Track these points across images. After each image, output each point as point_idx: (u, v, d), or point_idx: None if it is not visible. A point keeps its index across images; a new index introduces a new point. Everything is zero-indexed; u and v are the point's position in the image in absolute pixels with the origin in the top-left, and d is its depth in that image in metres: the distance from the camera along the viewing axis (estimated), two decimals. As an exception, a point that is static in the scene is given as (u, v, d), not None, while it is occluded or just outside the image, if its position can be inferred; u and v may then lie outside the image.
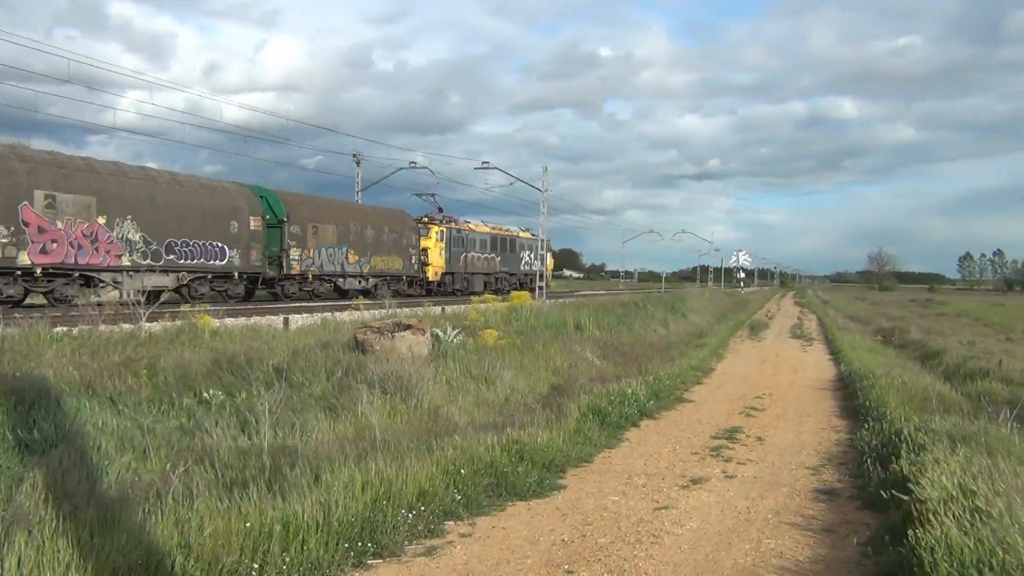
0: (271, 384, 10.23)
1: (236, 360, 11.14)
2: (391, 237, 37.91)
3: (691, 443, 10.13)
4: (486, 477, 7.50)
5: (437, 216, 44.47)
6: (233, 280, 28.68)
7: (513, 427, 9.39)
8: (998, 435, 8.58)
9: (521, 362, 14.78)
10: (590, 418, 10.70)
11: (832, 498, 7.68)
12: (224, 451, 6.98)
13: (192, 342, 13.25)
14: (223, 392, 9.55)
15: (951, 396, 13.46)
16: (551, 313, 24.51)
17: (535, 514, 6.94)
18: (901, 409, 11.09)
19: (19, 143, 22.79)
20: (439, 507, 6.65)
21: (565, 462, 8.68)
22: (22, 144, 22.88)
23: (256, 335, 15.78)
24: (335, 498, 6.05)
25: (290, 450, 7.27)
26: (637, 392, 12.50)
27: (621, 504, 7.25)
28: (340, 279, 34.12)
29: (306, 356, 11.94)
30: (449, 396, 11.39)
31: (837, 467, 9.03)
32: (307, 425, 8.63)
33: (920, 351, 24.37)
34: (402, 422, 9.80)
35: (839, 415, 12.76)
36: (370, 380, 10.65)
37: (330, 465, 6.91)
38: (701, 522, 6.75)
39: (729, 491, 7.81)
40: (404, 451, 7.83)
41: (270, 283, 31.25)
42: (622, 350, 19.36)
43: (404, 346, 13.16)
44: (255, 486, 6.20)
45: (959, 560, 4.71)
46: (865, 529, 6.58)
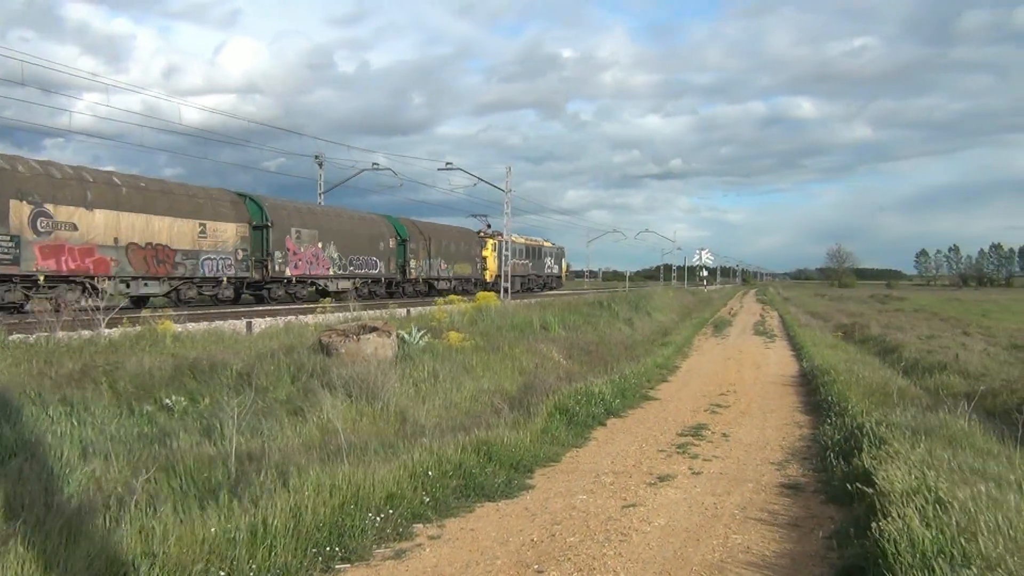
0: (235, 389, 10.11)
1: (199, 365, 10.99)
2: (464, 249, 48.82)
3: (658, 441, 10.20)
4: (454, 479, 7.49)
5: (488, 231, 54.77)
6: (380, 284, 38.78)
7: (481, 428, 9.39)
8: (958, 427, 8.76)
9: (488, 363, 14.76)
10: (557, 418, 10.73)
11: (797, 492, 7.78)
12: (189, 458, 6.87)
13: (153, 347, 13.04)
14: (186, 398, 9.41)
15: (911, 390, 13.71)
16: (517, 313, 24.50)
17: (504, 515, 6.94)
18: (862, 404, 11.27)
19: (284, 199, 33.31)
20: (407, 510, 6.63)
21: (533, 462, 8.70)
22: (284, 199, 33.48)
23: (219, 339, 15.58)
24: (302, 503, 6.00)
25: (256, 455, 7.19)
26: (603, 391, 12.56)
27: (589, 503, 7.28)
28: (435, 281, 44.52)
29: (270, 360, 11.81)
30: (416, 398, 11.34)
31: (801, 462, 9.15)
32: (272, 430, 8.54)
33: (880, 346, 24.79)
34: (368, 425, 9.74)
35: (802, 410, 12.93)
36: (335, 383, 10.57)
37: (297, 470, 6.84)
38: (669, 519, 6.80)
39: (696, 488, 7.88)
40: (371, 454, 7.79)
41: (398, 285, 40.56)
42: (588, 349, 19.43)
43: (369, 349, 13.08)
44: (221, 492, 6.13)
45: (921, 551, 4.79)
46: (830, 523, 6.68)
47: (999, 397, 12.77)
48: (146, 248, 24.66)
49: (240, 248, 28.78)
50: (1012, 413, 10.25)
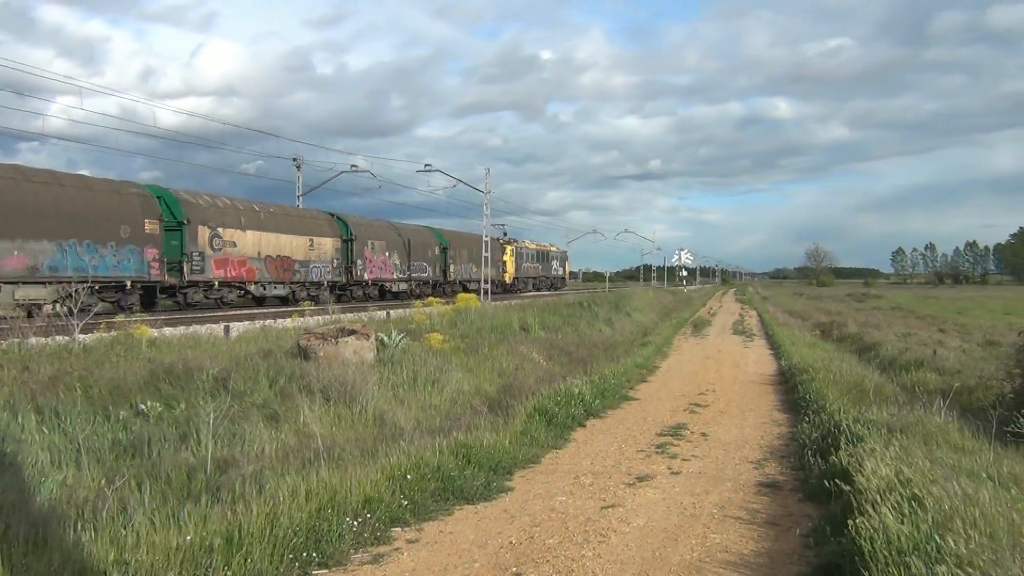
0: (211, 394, 10.02)
1: (174, 370, 10.87)
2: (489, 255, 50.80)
3: (637, 441, 10.21)
4: (433, 482, 7.46)
5: (505, 239, 60.05)
6: (428, 284, 44.87)
7: (460, 430, 9.36)
8: (933, 424, 8.83)
9: (467, 365, 14.75)
10: (537, 419, 10.72)
11: (775, 491, 7.81)
12: (164, 464, 6.79)
13: (128, 353, 12.88)
14: (161, 403, 9.30)
15: (888, 388, 13.82)
16: (497, 315, 24.46)
17: (483, 517, 6.91)
18: (840, 401, 11.35)
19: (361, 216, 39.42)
20: (385, 513, 6.59)
21: (512, 464, 8.68)
22: (361, 216, 39.86)
23: (196, 344, 15.44)
24: (279, 508, 5.95)
25: (232, 461, 7.13)
26: (583, 392, 12.56)
27: (568, 504, 7.27)
28: (468, 282, 49.85)
29: (247, 364, 11.70)
30: (395, 401, 11.30)
31: (779, 460, 9.19)
32: (249, 435, 8.47)
33: (857, 344, 24.98)
34: (347, 429, 9.70)
35: (780, 409, 12.99)
36: (313, 387, 10.51)
37: (273, 475, 6.80)
38: (648, 519, 6.80)
39: (675, 487, 7.89)
40: (349, 458, 7.76)
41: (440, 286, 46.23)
42: (568, 350, 19.45)
43: (348, 351, 13.00)
44: (197, 499, 6.06)
45: (896, 548, 4.82)
46: (807, 521, 6.71)
47: (974, 393, 12.90)
48: (276, 259, 31.21)
49: (335, 258, 35.54)
50: (987, 409, 10.36)
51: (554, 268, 72.27)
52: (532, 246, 66.63)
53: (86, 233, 22.64)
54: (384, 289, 40.40)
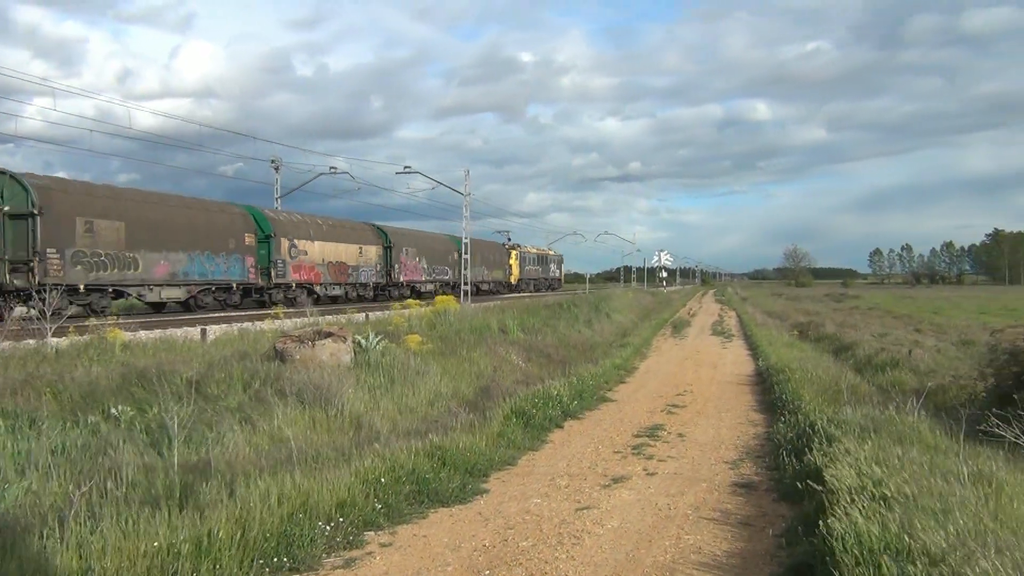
0: (185, 398, 9.92)
1: (147, 374, 10.75)
2: (497, 259, 60.95)
3: (614, 442, 10.21)
4: (408, 485, 7.41)
5: (510, 244, 65.99)
6: (449, 285, 48.09)
7: (437, 433, 9.32)
8: (907, 423, 8.88)
9: (445, 367, 14.70)
10: (514, 421, 10.70)
11: (750, 491, 7.83)
12: (132, 469, 6.71)
13: (101, 357, 12.75)
14: (133, 408, 9.20)
15: (863, 387, 13.90)
16: (475, 317, 24.42)
17: (457, 520, 6.88)
18: (815, 402, 11.41)
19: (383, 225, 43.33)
20: (359, 517, 6.54)
21: (488, 466, 8.65)
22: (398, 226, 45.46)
23: (171, 347, 15.31)
24: (250, 513, 5.88)
25: (203, 465, 7.04)
26: (561, 393, 12.56)
27: (543, 506, 7.25)
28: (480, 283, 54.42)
29: (222, 368, 11.60)
30: (371, 403, 11.23)
31: (755, 460, 9.22)
32: (222, 439, 8.39)
33: (834, 344, 25.12)
34: (322, 432, 9.62)
35: (757, 409, 13.05)
36: (288, 390, 10.43)
37: (245, 479, 6.72)
38: (622, 521, 6.79)
39: (650, 488, 7.89)
40: (323, 461, 7.69)
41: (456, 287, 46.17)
42: (547, 352, 19.45)
43: (325, 354, 12.92)
44: (166, 504, 5.98)
45: (867, 547, 4.83)
46: (781, 521, 6.72)
47: (948, 392, 12.99)
48: (335, 264, 36.42)
49: (377, 263, 40.85)
50: (960, 408, 10.45)
51: (552, 270, 77.99)
52: (533, 250, 72.88)
53: (206, 246, 28.01)
54: (415, 289, 44.95)
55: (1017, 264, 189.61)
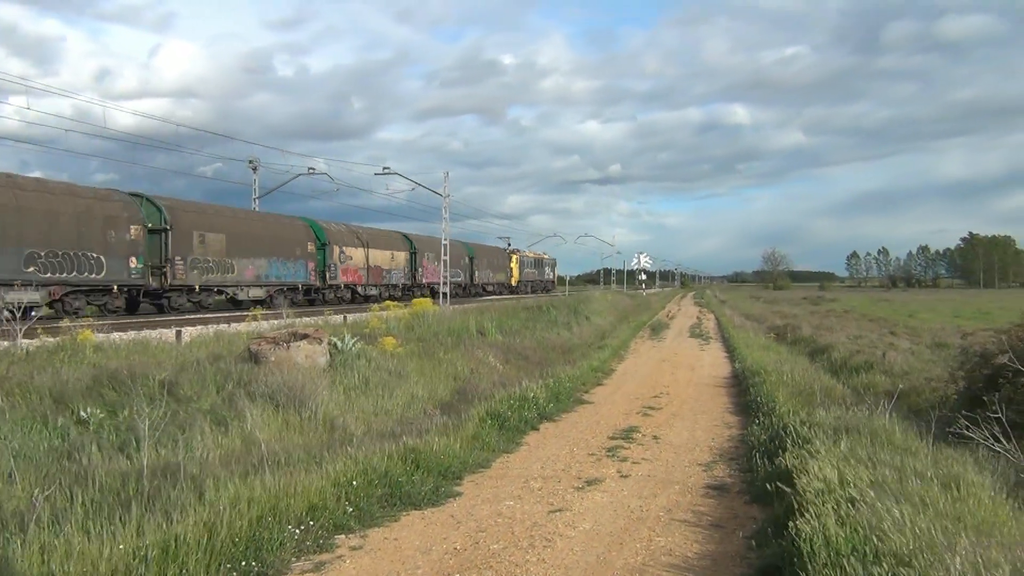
0: (157, 400, 9.82)
1: (119, 376, 10.63)
2: (500, 263, 66.46)
3: (588, 444, 10.21)
4: (380, 488, 7.37)
5: (511, 249, 72.01)
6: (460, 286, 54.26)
7: (411, 435, 9.29)
8: (878, 425, 8.93)
9: (422, 369, 14.66)
10: (489, 423, 10.68)
11: (722, 493, 7.85)
12: (100, 472, 6.62)
13: (72, 358, 12.58)
14: (103, 410, 9.09)
15: (837, 389, 13.99)
16: (454, 319, 24.36)
17: (429, 523, 6.84)
18: (789, 404, 11.47)
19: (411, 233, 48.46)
20: (329, 521, 6.49)
21: (463, 468, 8.62)
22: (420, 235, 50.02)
23: (144, 349, 15.14)
24: (219, 517, 5.82)
25: (173, 468, 6.96)
26: (537, 395, 12.55)
27: (516, 509, 7.23)
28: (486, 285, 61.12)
29: (195, 369, 11.50)
30: (346, 406, 11.18)
31: (728, 462, 9.25)
32: (193, 441, 8.31)
33: (811, 347, 25.31)
34: (295, 434, 9.57)
35: (732, 411, 13.10)
36: (261, 392, 10.35)
37: (215, 482, 6.65)
38: (594, 523, 6.78)
39: (623, 491, 7.89)
40: (295, 464, 7.63)
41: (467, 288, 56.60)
42: (525, 354, 19.45)
43: (301, 356, 12.84)
44: (134, 508, 5.90)
45: (835, 550, 4.85)
46: (752, 523, 6.75)
47: (922, 395, 13.12)
48: (373, 268, 41.51)
49: (405, 267, 46.35)
50: (932, 410, 10.55)
51: (547, 273, 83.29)
52: (531, 255, 78.24)
53: (280, 253, 33.48)
54: (433, 289, 48.64)
55: (991, 268, 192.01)
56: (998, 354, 10.26)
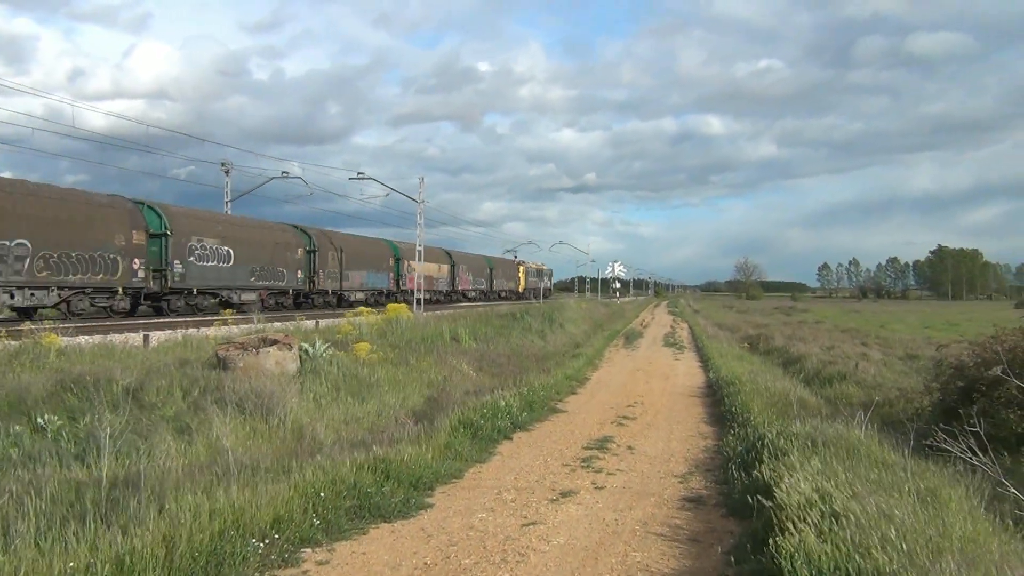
0: (120, 406, 9.54)
1: (82, 381, 10.32)
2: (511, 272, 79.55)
3: (563, 455, 10.05)
4: (348, 499, 7.16)
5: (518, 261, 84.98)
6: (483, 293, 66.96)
7: (382, 444, 9.09)
8: (855, 438, 8.85)
9: (394, 376, 14.44)
10: (461, 432, 10.50)
11: (699, 506, 7.72)
12: (55, 483, 6.35)
13: (34, 363, 12.23)
14: (63, 417, 8.79)
15: (811, 400, 13.98)
16: (428, 325, 24.14)
17: (399, 536, 6.64)
18: (764, 414, 11.39)
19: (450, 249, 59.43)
20: (295, 534, 6.27)
21: (434, 479, 8.42)
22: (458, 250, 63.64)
23: (109, 354, 14.77)
24: (179, 530, 5.60)
25: (133, 478, 6.70)
26: (511, 404, 12.38)
27: (489, 522, 7.05)
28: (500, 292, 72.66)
29: (162, 375, 11.20)
30: (316, 414, 10.94)
31: (704, 474, 9.13)
32: (155, 450, 8.05)
33: (783, 357, 25.39)
34: (262, 443, 9.32)
35: (707, 421, 13.00)
36: (228, 399, 10.07)
37: (177, 493, 6.41)
38: (568, 537, 6.62)
39: (598, 503, 7.73)
40: (262, 474, 7.40)
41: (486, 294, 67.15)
42: (499, 361, 19.27)
43: (270, 362, 12.58)
44: (89, 521, 5.66)
45: (817, 567, 4.73)
46: (729, 537, 6.61)
47: (895, 406, 13.11)
48: (427, 278, 49.28)
49: (447, 276, 57.70)
50: (907, 422, 10.51)
51: (545, 281, 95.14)
52: (534, 266, 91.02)
53: (374, 266, 46.00)
54: (464, 295, 61.83)
55: (959, 280, 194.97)
56: (973, 366, 10.26)
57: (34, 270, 22.91)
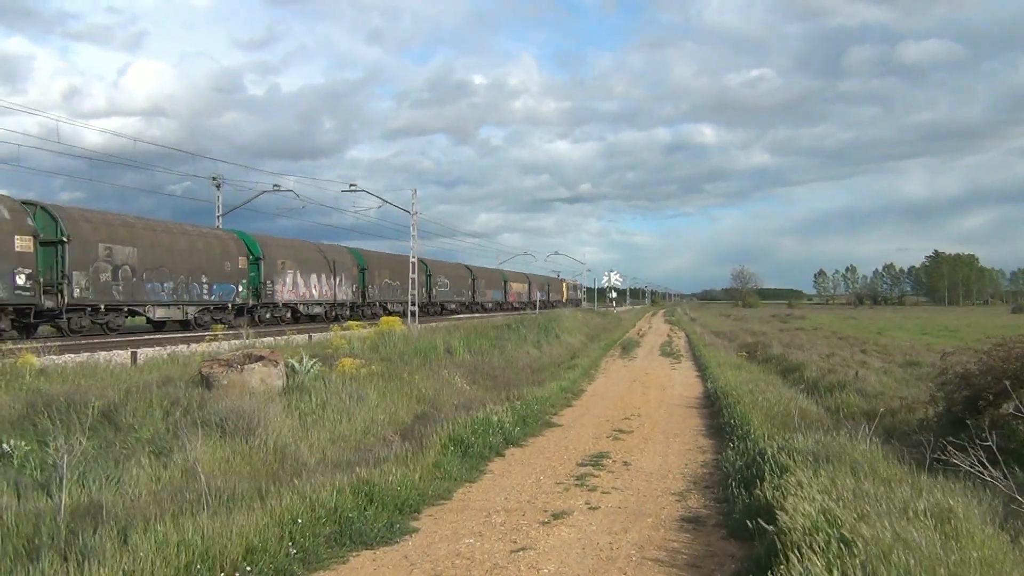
0: (96, 429, 9.17)
1: (55, 403, 9.91)
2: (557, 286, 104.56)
3: (556, 472, 9.68)
4: (328, 525, 6.78)
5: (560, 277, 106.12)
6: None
7: (367, 465, 8.71)
8: (859, 452, 8.49)
9: (385, 391, 14.03)
10: (451, 450, 10.14)
11: (697, 527, 7.35)
12: (9, 514, 5.96)
13: (9, 385, 11.83)
14: (31, 442, 8.39)
15: (812, 411, 13.58)
16: (422, 338, 23.76)
17: (380, 565, 6.27)
18: (764, 427, 11.02)
19: None
20: (269, 565, 5.89)
21: (421, 501, 8.06)
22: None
23: (91, 373, 14.37)
24: (141, 565, 5.22)
25: (96, 508, 6.31)
26: (503, 419, 12.00)
27: (476, 547, 6.67)
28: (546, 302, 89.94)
29: (142, 394, 10.80)
30: (301, 432, 10.54)
31: (703, 491, 8.76)
32: (126, 475, 7.65)
33: (782, 365, 24.98)
34: (242, 465, 8.92)
35: (706, 434, 12.64)
36: (208, 419, 9.69)
37: (144, 523, 6.03)
38: (560, 564, 6.24)
39: (592, 525, 7.35)
40: (238, 499, 7.02)
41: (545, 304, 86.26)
42: (493, 374, 18.88)
43: (255, 379, 12.19)
44: (44, 556, 5.28)
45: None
46: (730, 562, 6.24)
47: (898, 416, 12.73)
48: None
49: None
50: (911, 434, 10.15)
51: (578, 293, 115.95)
52: (571, 282, 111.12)
53: (456, 286, 59.16)
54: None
55: (956, 286, 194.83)
56: (979, 375, 9.91)
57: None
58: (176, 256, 29.58)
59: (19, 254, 23.23)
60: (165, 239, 29.58)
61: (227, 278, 32.24)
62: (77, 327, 25.94)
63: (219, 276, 31.87)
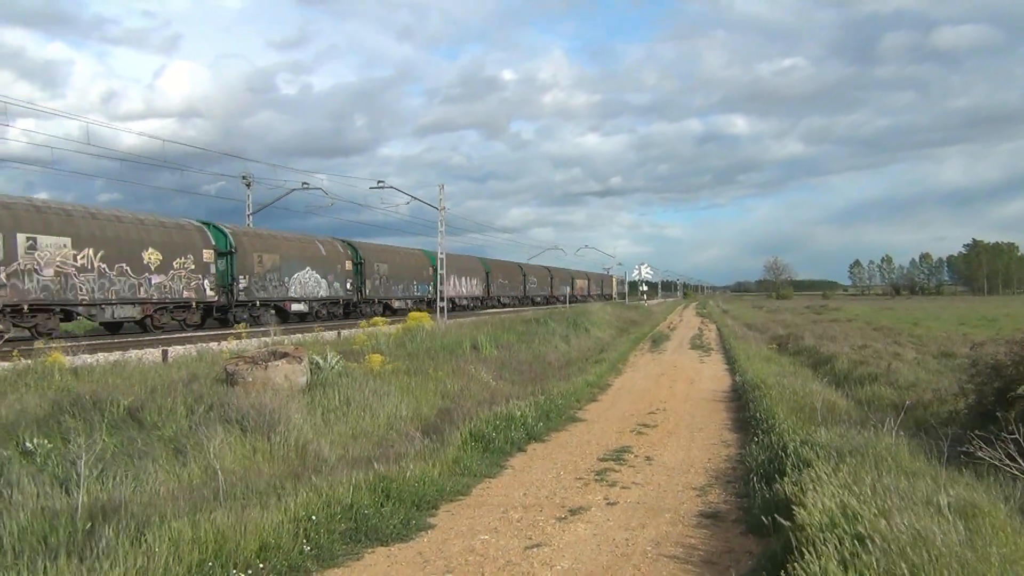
0: (119, 427, 9.27)
1: (81, 401, 10.05)
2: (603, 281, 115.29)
3: (577, 467, 9.61)
4: (343, 522, 6.79)
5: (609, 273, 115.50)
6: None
7: (389, 460, 8.72)
8: (884, 446, 8.33)
9: (408, 387, 14.07)
10: (472, 445, 10.12)
11: (716, 523, 7.24)
12: (27, 513, 6.03)
13: (39, 384, 12.02)
14: (55, 440, 8.49)
15: (840, 403, 13.36)
16: (448, 334, 23.83)
17: (394, 562, 6.25)
18: (789, 420, 10.84)
19: None
20: (283, 562, 5.91)
21: (439, 497, 8.04)
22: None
23: (121, 371, 14.57)
24: (154, 562, 5.25)
25: (114, 506, 6.37)
26: (526, 414, 11.96)
27: (491, 544, 6.63)
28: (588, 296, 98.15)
29: (166, 392, 10.91)
30: (323, 429, 10.59)
31: (724, 486, 8.64)
32: (145, 473, 7.72)
33: (813, 357, 24.62)
34: (262, 462, 8.98)
35: (731, 428, 12.49)
36: (230, 416, 9.76)
37: (160, 521, 6.07)
38: (574, 561, 6.18)
39: (609, 521, 7.28)
40: (255, 496, 7.06)
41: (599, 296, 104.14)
42: (520, 369, 18.84)
43: (279, 376, 12.28)
44: (61, 554, 5.33)
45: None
46: (747, 558, 6.14)
47: (929, 408, 12.48)
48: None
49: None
50: (941, 426, 9.93)
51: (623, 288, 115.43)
52: (619, 278, 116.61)
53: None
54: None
55: (995, 275, 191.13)
56: (1011, 365, 9.66)
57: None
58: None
59: (206, 264, 30.68)
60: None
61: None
62: (239, 319, 31.67)
63: (333, 275, 38.47)
